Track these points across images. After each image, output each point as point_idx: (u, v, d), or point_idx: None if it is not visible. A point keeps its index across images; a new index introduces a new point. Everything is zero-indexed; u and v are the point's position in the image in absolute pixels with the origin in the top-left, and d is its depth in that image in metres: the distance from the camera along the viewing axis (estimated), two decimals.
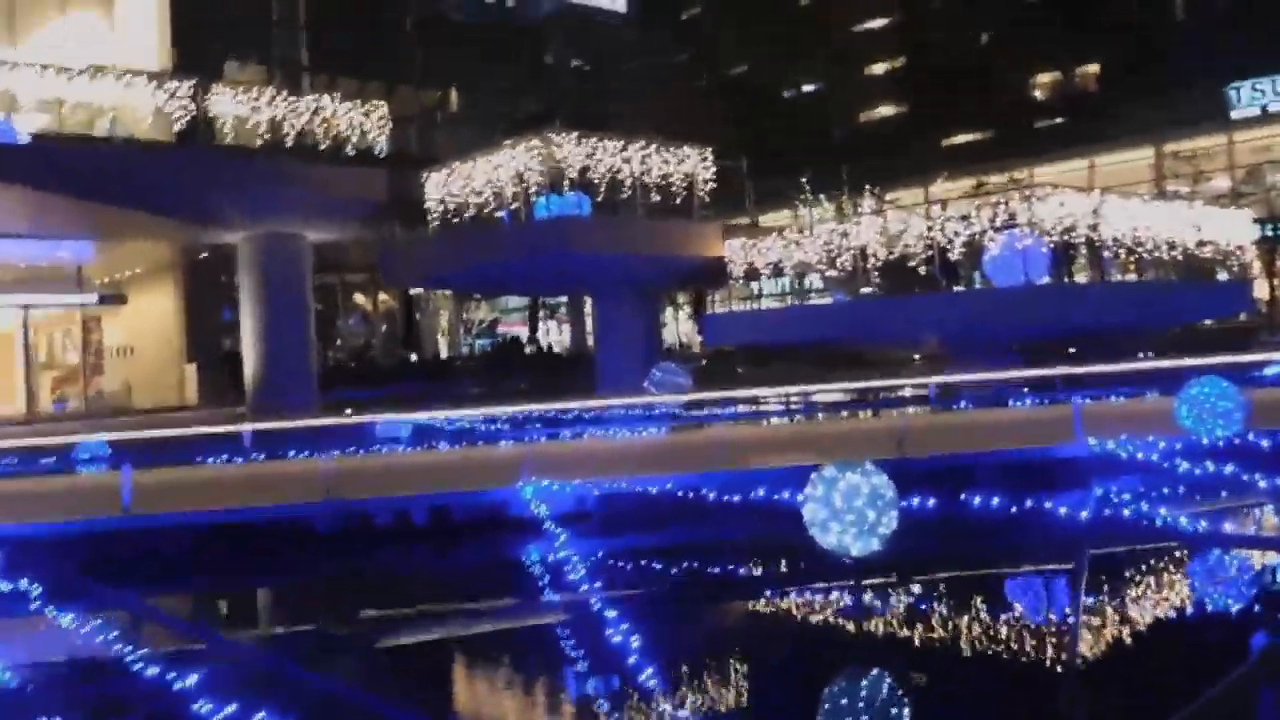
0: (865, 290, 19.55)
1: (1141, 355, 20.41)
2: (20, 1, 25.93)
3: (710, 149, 20.45)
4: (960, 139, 50.09)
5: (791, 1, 57.59)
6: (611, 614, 5.60)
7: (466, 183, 19.70)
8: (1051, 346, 20.47)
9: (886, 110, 56.89)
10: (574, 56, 45.42)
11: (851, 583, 7.19)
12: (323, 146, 20.38)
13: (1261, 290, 33.91)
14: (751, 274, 20.31)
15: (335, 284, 37.05)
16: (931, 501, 7.79)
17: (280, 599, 8.66)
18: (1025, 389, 17.12)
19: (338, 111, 20.27)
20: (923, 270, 17.69)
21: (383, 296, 41.83)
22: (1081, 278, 18.43)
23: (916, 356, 24.26)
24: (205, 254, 26.71)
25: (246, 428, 12.09)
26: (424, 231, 20.72)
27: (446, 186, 20.19)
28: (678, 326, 46.56)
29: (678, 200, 19.93)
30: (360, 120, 20.60)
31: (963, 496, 7.93)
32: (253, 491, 9.53)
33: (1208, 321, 26.97)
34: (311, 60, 31.27)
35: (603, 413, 15.25)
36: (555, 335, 48.48)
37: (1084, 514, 7.30)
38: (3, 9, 25.48)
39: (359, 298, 41.10)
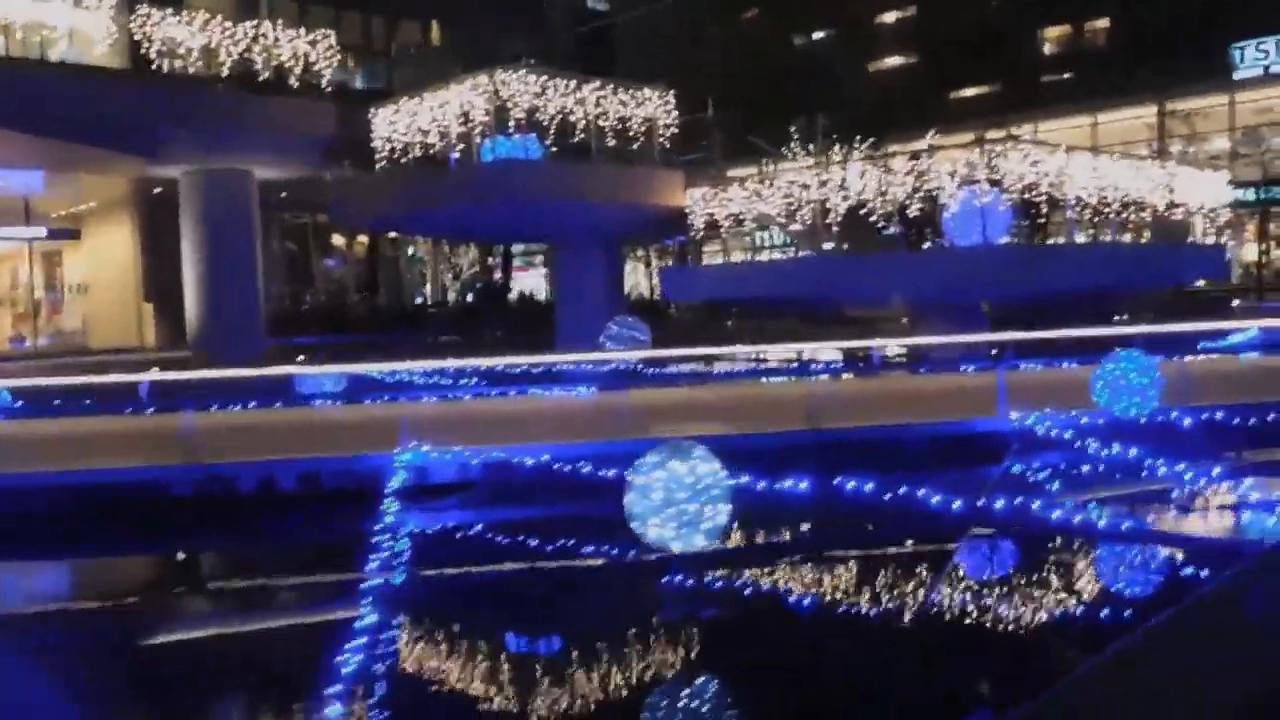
0: (827, 246, 18.76)
1: (1117, 319, 19.69)
2: None
3: (672, 91, 19.45)
4: (968, 93, 48.96)
5: None
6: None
7: (413, 121, 18.81)
8: (1024, 310, 19.76)
9: (895, 61, 55.58)
10: None
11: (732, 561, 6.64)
12: (264, 77, 19.40)
13: (1251, 254, 32.97)
14: (712, 225, 19.48)
15: (308, 224, 36.08)
16: (806, 484, 7.18)
17: (109, 571, 8.13)
18: (994, 351, 16.47)
19: (279, 39, 19.23)
20: (887, 227, 16.86)
21: (362, 238, 40.89)
22: (1053, 239, 17.60)
23: (905, 319, 23.61)
24: (161, 189, 25.90)
25: (144, 378, 11.44)
26: (371, 171, 19.88)
27: (394, 124, 19.29)
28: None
29: (636, 145, 19.03)
30: (305, 50, 19.58)
31: (836, 479, 7.31)
32: (111, 449, 8.96)
33: (1201, 283, 26.13)
34: None
35: (550, 369, 14.57)
36: (539, 282, 47.72)
37: (956, 504, 6.66)
38: None
39: (336, 239, 40.14)
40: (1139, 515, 7.72)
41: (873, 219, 16.71)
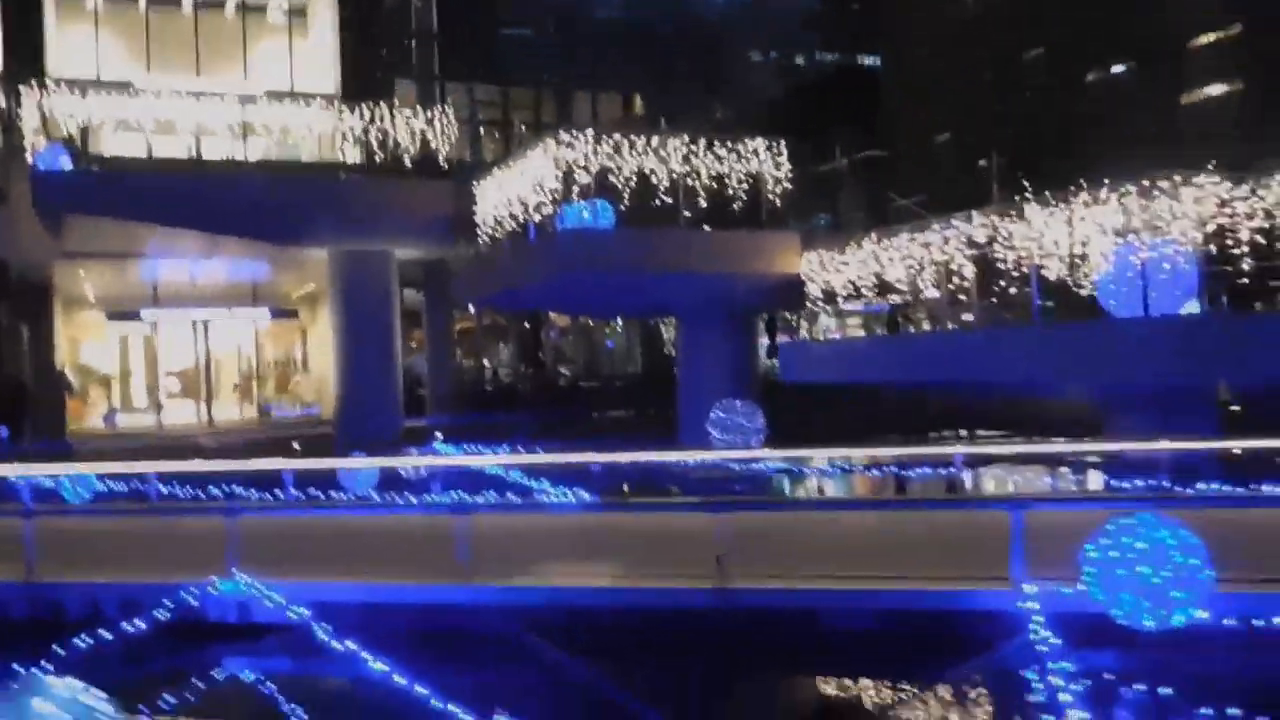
0: (966, 318, 14.78)
1: None
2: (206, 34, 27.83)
3: (783, 141, 16.69)
4: None
5: None
6: None
7: (502, 193, 17.84)
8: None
9: (1212, 91, 46.87)
10: (756, 50, 41.62)
11: None
12: (380, 158, 19.62)
13: None
14: (830, 296, 16.27)
15: None
16: None
17: None
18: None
19: (397, 121, 19.35)
20: (1025, 291, 12.79)
21: (560, 316, 41.02)
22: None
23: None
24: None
25: (150, 468, 11.06)
26: (473, 246, 19.22)
27: (490, 198, 18.49)
28: None
29: (735, 206, 16.51)
30: (422, 129, 19.53)
31: None
32: None
33: None
34: (466, 75, 31.33)
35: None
36: None
37: None
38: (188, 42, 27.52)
39: (554, 316, 40.68)
40: None
41: (1003, 283, 12.74)
